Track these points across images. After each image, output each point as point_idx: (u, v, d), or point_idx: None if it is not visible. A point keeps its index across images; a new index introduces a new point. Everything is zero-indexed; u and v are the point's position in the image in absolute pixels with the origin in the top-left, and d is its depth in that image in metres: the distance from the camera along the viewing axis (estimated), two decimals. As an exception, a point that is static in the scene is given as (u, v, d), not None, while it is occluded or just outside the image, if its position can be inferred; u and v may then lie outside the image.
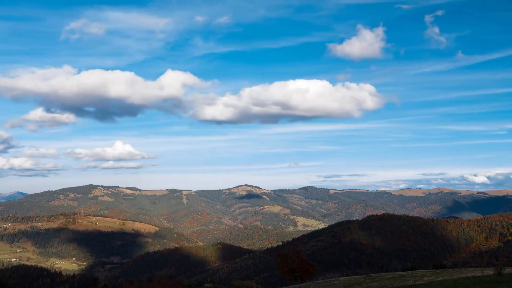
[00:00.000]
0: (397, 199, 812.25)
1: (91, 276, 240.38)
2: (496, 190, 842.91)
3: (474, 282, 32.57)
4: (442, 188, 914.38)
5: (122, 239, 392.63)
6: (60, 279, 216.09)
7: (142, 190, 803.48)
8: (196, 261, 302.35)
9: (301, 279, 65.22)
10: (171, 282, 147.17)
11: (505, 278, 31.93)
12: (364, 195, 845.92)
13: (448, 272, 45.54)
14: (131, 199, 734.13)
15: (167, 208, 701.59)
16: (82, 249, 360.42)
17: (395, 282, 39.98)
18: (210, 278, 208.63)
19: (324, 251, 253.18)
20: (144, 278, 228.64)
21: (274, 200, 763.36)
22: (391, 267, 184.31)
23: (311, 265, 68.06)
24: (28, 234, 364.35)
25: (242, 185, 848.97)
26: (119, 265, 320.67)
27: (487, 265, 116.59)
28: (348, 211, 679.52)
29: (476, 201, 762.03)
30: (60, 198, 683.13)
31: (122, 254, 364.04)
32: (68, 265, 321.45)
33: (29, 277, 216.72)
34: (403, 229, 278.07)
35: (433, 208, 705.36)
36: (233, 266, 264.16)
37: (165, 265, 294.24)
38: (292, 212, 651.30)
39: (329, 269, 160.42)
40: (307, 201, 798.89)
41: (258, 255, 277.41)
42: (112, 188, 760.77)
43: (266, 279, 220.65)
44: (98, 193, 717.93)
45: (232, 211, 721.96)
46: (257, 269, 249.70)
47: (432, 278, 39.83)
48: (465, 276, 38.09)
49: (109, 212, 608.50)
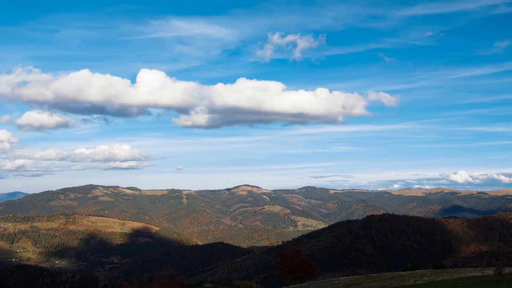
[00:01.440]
0: (397, 199, 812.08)
1: (91, 276, 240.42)
2: (496, 190, 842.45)
3: (474, 282, 32.55)
4: (442, 188, 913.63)
5: (122, 239, 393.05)
6: (60, 279, 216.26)
7: (142, 190, 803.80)
8: (196, 261, 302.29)
9: (301, 279, 65.20)
10: (171, 282, 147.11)
11: (505, 278, 31.91)
12: (364, 195, 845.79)
13: (448, 272, 45.50)
14: (131, 199, 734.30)
15: (167, 208, 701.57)
16: (82, 249, 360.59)
17: (395, 282, 39.97)
18: (210, 278, 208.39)
19: (324, 251, 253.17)
20: (144, 278, 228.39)
21: (274, 200, 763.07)
22: (391, 267, 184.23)
23: (311, 265, 68.02)
24: (28, 234, 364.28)
25: (242, 185, 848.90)
26: (119, 265, 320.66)
27: (487, 265, 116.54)
28: (348, 211, 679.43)
29: (476, 201, 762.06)
30: (60, 198, 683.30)
31: (122, 254, 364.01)
32: (68, 265, 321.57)
33: (29, 277, 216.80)
34: (403, 229, 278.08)
35: (433, 208, 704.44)
36: (233, 266, 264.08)
37: (165, 265, 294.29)
38: (292, 212, 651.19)
39: (329, 269, 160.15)
40: (307, 201, 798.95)
41: (258, 255, 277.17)
42: (112, 188, 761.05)
43: (266, 279, 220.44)
44: (98, 193, 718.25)
45: (232, 211, 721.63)
46: (257, 269, 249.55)
47: (432, 278, 39.81)
48: (465, 276, 38.08)
49: (109, 212, 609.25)
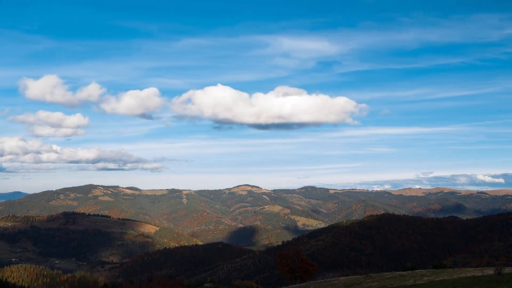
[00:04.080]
0: (397, 199, 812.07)
1: (91, 276, 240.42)
2: (496, 190, 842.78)
3: (474, 282, 32.56)
4: (442, 188, 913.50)
5: (122, 239, 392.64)
6: (60, 279, 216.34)
7: (142, 190, 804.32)
8: (196, 261, 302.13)
9: (301, 279, 65.21)
10: (171, 282, 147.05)
11: (505, 278, 31.92)
12: (364, 195, 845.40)
13: (448, 272, 45.51)
14: (131, 199, 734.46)
15: (167, 208, 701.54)
16: (82, 249, 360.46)
17: (395, 282, 39.99)
18: (210, 278, 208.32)
19: (324, 251, 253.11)
20: (144, 278, 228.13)
21: (274, 200, 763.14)
22: (391, 267, 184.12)
23: (311, 265, 68.06)
24: (28, 234, 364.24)
25: (242, 185, 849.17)
26: (119, 265, 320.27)
27: (487, 265, 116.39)
28: (348, 211, 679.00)
29: (476, 201, 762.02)
30: (60, 198, 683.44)
31: (122, 254, 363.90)
32: (68, 265, 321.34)
33: (29, 277, 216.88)
34: (403, 229, 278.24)
35: (433, 208, 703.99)
36: (233, 266, 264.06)
37: (165, 265, 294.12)
38: (292, 212, 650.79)
39: (329, 269, 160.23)
40: (307, 201, 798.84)
41: (258, 255, 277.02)
42: (112, 188, 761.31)
43: (266, 279, 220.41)
44: (98, 193, 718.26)
45: (232, 211, 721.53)
46: (257, 269, 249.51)
47: (432, 278, 39.83)
48: (465, 276, 38.09)
49: (109, 211, 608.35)
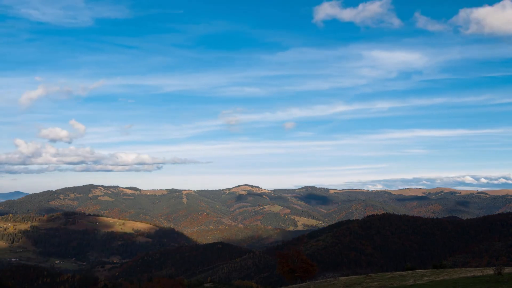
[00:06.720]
0: (397, 199, 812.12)
1: (91, 276, 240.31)
2: (496, 190, 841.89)
3: (474, 282, 32.56)
4: (442, 188, 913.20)
5: (122, 239, 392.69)
6: (60, 279, 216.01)
7: (142, 190, 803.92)
8: (196, 261, 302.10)
9: (301, 279, 65.24)
10: (171, 282, 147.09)
11: (505, 278, 31.92)
12: (364, 195, 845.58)
13: (448, 272, 45.52)
14: (131, 199, 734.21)
15: (167, 208, 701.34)
16: (82, 249, 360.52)
17: (395, 282, 39.99)
18: (210, 278, 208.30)
19: (324, 251, 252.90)
20: (144, 278, 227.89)
21: (274, 199, 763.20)
22: (391, 267, 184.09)
23: (311, 265, 68.06)
24: (28, 234, 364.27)
25: (242, 185, 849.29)
26: (119, 265, 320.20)
27: (487, 265, 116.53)
28: (348, 211, 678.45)
29: (476, 201, 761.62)
30: (60, 198, 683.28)
31: (122, 254, 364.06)
32: (68, 265, 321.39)
33: (29, 277, 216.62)
34: (403, 229, 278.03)
35: (433, 208, 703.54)
36: (233, 266, 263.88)
37: (165, 265, 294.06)
38: (292, 212, 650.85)
39: (329, 269, 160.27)
40: (307, 201, 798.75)
41: (258, 255, 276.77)
42: (112, 188, 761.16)
43: (266, 279, 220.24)
44: (98, 193, 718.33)
45: (232, 211, 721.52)
46: (257, 269, 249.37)
47: (432, 278, 39.83)
48: (465, 276, 38.09)
49: (109, 212, 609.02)
